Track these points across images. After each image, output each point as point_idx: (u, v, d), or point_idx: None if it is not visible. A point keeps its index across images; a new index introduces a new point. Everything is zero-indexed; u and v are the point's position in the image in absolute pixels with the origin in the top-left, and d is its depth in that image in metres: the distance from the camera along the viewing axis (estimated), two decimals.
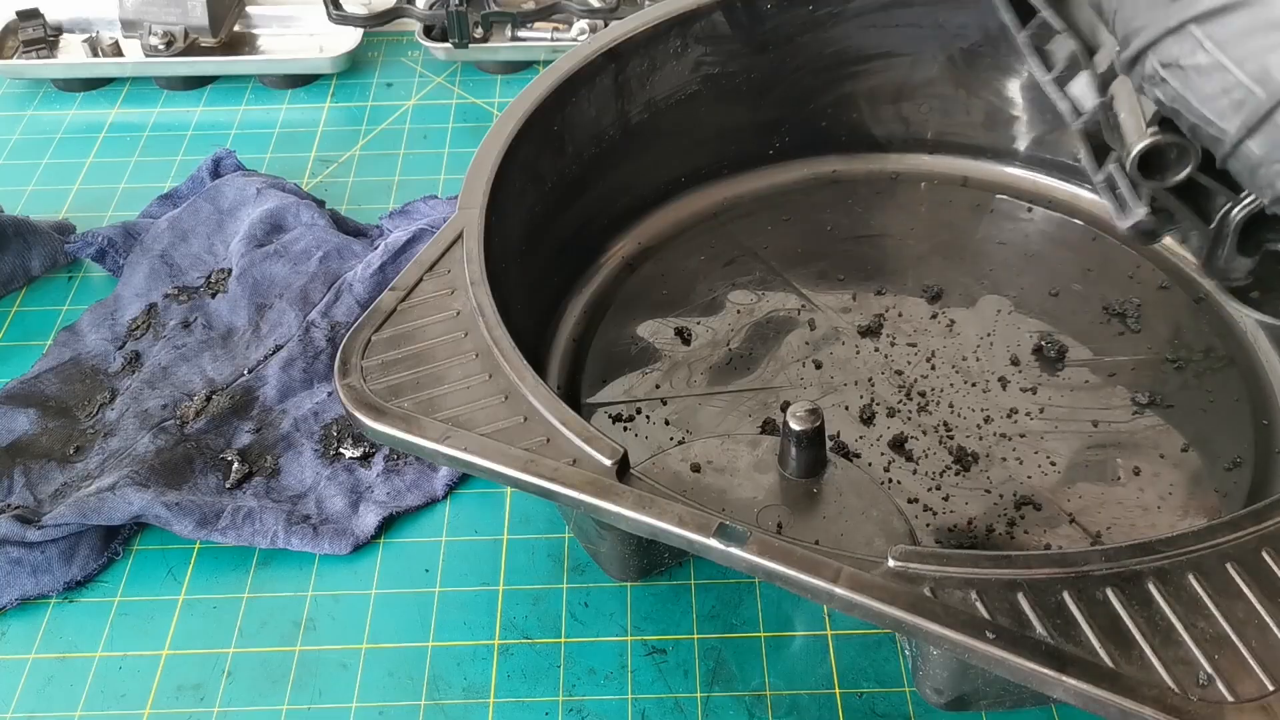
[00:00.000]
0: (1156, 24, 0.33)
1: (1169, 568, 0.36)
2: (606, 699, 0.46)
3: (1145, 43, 0.34)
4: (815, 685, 0.46)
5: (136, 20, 0.82)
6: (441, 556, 0.52)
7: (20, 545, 0.51)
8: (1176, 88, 0.33)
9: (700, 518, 0.38)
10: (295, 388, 0.58)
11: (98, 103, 0.83)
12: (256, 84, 0.84)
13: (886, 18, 0.65)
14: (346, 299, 0.62)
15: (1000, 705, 0.43)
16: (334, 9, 0.80)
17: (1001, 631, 0.34)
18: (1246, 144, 0.32)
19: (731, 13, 0.63)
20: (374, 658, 0.48)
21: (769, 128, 0.67)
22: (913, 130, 0.69)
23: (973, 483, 0.52)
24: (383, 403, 0.43)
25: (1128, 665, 0.33)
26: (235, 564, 0.52)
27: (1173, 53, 0.33)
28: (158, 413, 0.57)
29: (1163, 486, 0.51)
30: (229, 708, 0.47)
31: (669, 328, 0.60)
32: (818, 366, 0.57)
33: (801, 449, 0.46)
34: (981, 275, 0.62)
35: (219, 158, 0.73)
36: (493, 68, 0.84)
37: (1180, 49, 0.32)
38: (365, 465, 0.55)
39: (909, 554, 0.36)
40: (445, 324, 0.45)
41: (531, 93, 0.56)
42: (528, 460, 0.40)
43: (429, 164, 0.75)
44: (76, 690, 0.48)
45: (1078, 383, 0.56)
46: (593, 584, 0.50)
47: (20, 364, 0.62)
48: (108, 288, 0.66)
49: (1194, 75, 0.32)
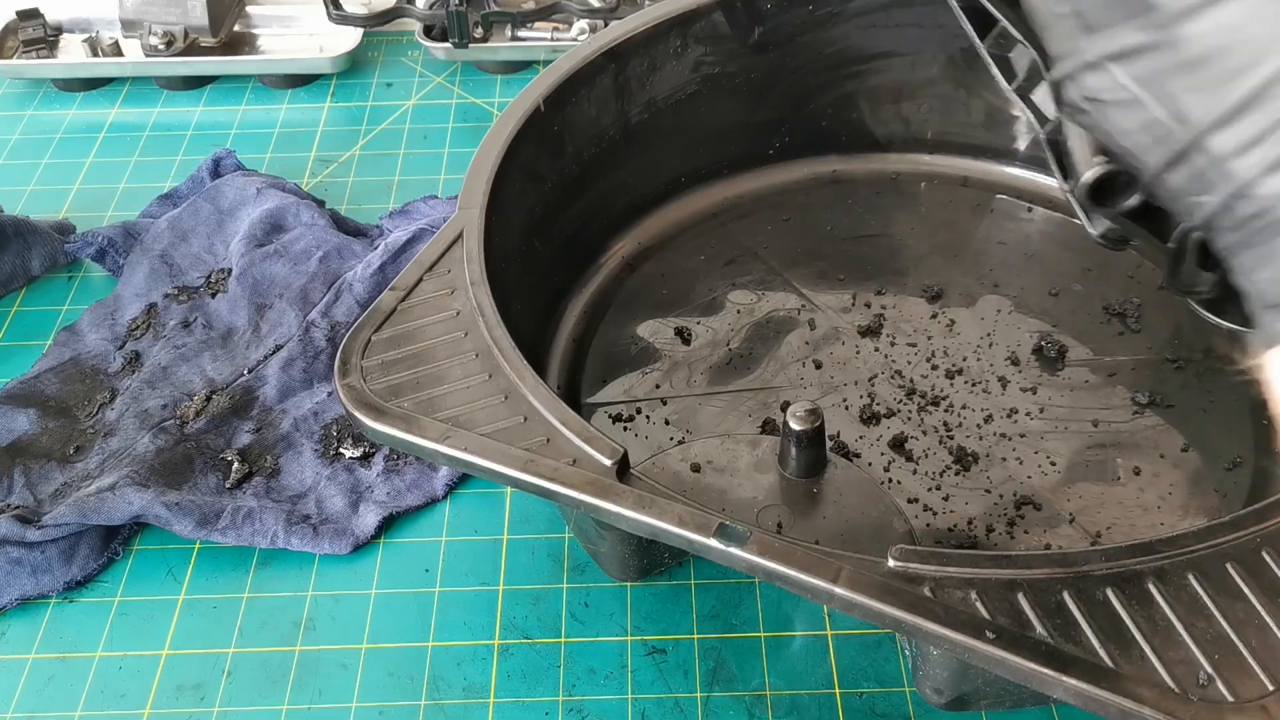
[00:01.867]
0: (1075, 56, 0.33)
1: (1169, 568, 0.36)
2: (606, 699, 0.46)
3: (1064, 74, 0.34)
4: (815, 685, 0.46)
5: (136, 20, 0.82)
6: (441, 556, 0.52)
7: (20, 545, 0.51)
8: (1097, 119, 0.34)
9: (700, 518, 0.38)
10: (295, 388, 0.58)
11: (98, 103, 0.83)
12: (256, 84, 0.84)
13: (886, 18, 0.65)
14: (346, 299, 0.62)
15: (1000, 705, 0.43)
16: (334, 9, 0.80)
17: (1001, 631, 0.34)
18: (1166, 176, 0.32)
19: (731, 13, 0.63)
20: (374, 658, 0.48)
21: (769, 128, 0.67)
22: (913, 130, 0.69)
23: (973, 483, 0.52)
24: (383, 403, 0.43)
25: (1128, 665, 0.33)
26: (235, 564, 0.52)
27: (1091, 85, 0.33)
28: (158, 413, 0.57)
29: (1163, 486, 0.51)
30: (229, 708, 0.47)
31: (669, 328, 0.60)
32: (818, 366, 0.57)
33: (801, 449, 0.46)
34: (981, 275, 0.62)
35: (219, 158, 0.73)
36: (493, 68, 0.84)
37: (1098, 83, 0.33)
38: (365, 465, 0.55)
39: (909, 554, 0.36)
40: (445, 324, 0.45)
41: (531, 93, 0.56)
42: (528, 460, 0.40)
43: (429, 164, 0.75)
44: (76, 690, 0.48)
45: (1078, 383, 0.56)
46: (593, 584, 0.50)
47: (20, 364, 0.62)
48: (108, 288, 0.66)
49: (1113, 109, 0.33)
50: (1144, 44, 0.31)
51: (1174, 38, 0.30)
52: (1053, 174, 0.40)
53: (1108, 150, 0.36)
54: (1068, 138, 0.37)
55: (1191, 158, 0.31)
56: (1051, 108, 0.39)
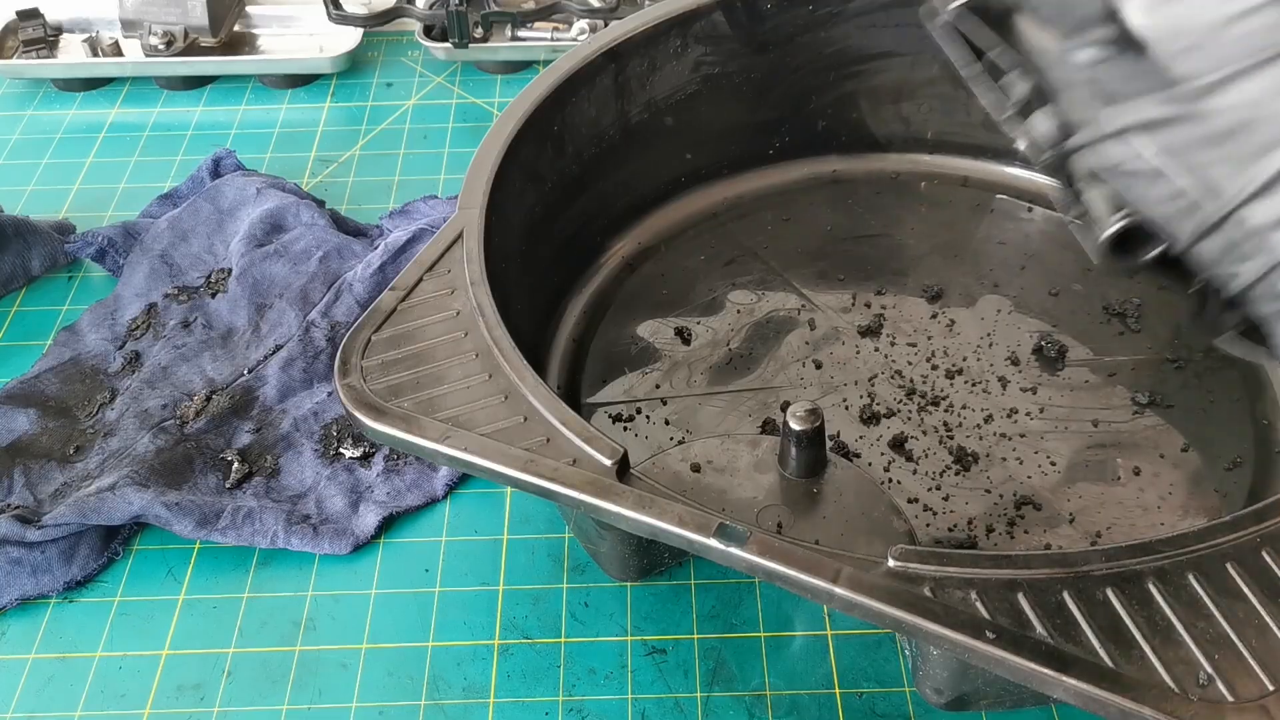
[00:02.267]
0: (1096, 126, 0.32)
1: (1169, 568, 0.36)
2: (606, 699, 0.46)
3: (1084, 142, 0.33)
4: (815, 685, 0.46)
5: (136, 20, 0.82)
6: (441, 556, 0.52)
7: (20, 545, 0.51)
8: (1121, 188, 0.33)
9: (700, 518, 0.38)
10: (295, 388, 0.58)
11: (98, 103, 0.83)
12: (256, 84, 0.84)
13: (886, 17, 0.65)
14: (346, 299, 0.62)
15: (1000, 705, 0.43)
16: (334, 9, 0.80)
17: (1001, 631, 0.34)
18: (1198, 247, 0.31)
19: (731, 13, 0.63)
20: (374, 658, 0.48)
21: (769, 128, 0.67)
22: (913, 130, 0.69)
23: (973, 483, 0.52)
24: (383, 403, 0.43)
25: (1128, 665, 0.33)
26: (235, 564, 0.52)
27: (1114, 155, 0.32)
28: (158, 413, 0.57)
29: (1163, 486, 0.51)
30: (229, 708, 0.47)
31: (669, 328, 0.60)
32: (818, 366, 0.57)
33: (801, 449, 0.46)
34: (981, 275, 0.62)
35: (219, 157, 0.73)
36: (493, 68, 0.84)
37: (1122, 153, 0.32)
38: (365, 465, 0.55)
39: (909, 554, 0.36)
40: (445, 324, 0.45)
41: (531, 93, 0.56)
42: (528, 460, 0.40)
43: (429, 164, 0.75)
44: (76, 690, 0.48)
45: (1078, 383, 0.56)
46: (593, 584, 0.50)
47: (20, 364, 0.62)
48: (108, 288, 0.66)
49: (1138, 179, 0.32)
50: (1169, 117, 0.30)
51: (1200, 111, 0.29)
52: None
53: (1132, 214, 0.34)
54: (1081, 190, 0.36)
55: (1225, 230, 0.30)
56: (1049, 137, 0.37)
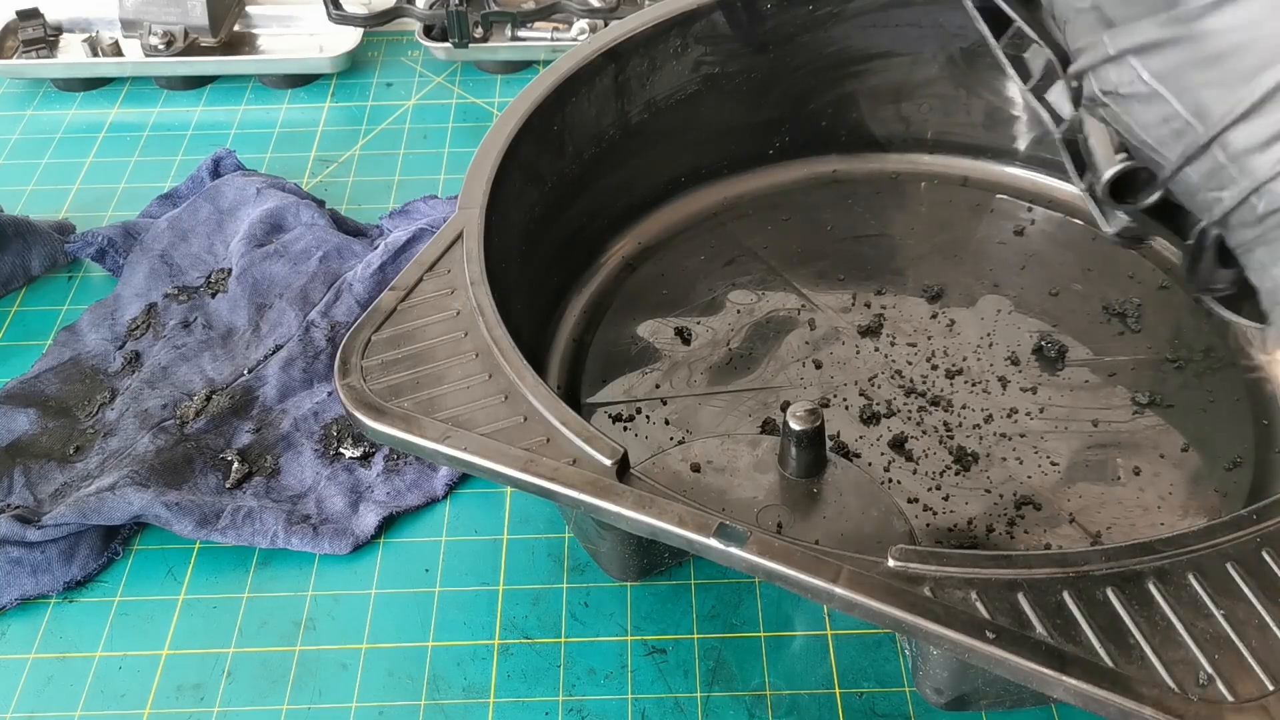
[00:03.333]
0: (1096, 50, 0.33)
1: (1169, 568, 0.36)
2: (606, 699, 0.46)
3: (1085, 66, 0.34)
4: (815, 685, 0.46)
5: (136, 20, 0.82)
6: (441, 556, 0.52)
7: (20, 545, 0.51)
8: (1117, 112, 0.34)
9: (700, 518, 0.38)
10: (295, 387, 0.58)
11: (98, 103, 0.83)
12: (256, 84, 0.84)
13: (886, 17, 0.65)
14: (346, 299, 0.62)
15: (1000, 705, 0.43)
16: (334, 9, 0.80)
17: (1001, 631, 0.34)
18: (1185, 171, 0.32)
19: (731, 13, 0.63)
20: (374, 658, 0.48)
21: (769, 128, 0.67)
22: (913, 130, 0.69)
23: (973, 483, 0.52)
24: (383, 403, 0.43)
25: (1128, 665, 0.33)
26: (235, 564, 0.52)
27: (1112, 79, 0.33)
28: (158, 412, 0.57)
29: (1163, 486, 0.51)
30: (229, 708, 0.47)
31: (669, 328, 0.60)
32: (818, 366, 0.57)
33: (801, 449, 0.46)
34: (981, 275, 0.62)
35: (219, 157, 0.73)
36: (493, 68, 0.84)
37: (1119, 77, 0.33)
38: (365, 465, 0.55)
39: (909, 554, 0.36)
40: (445, 324, 0.45)
41: (531, 93, 0.56)
42: (528, 460, 0.40)
43: (429, 164, 0.75)
44: (76, 690, 0.48)
45: (1078, 383, 0.56)
46: (593, 584, 0.50)
47: (20, 364, 0.62)
48: (108, 288, 0.66)
49: (1133, 103, 0.33)
50: (1164, 38, 0.31)
51: (1194, 33, 0.30)
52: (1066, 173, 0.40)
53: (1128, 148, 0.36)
54: (1087, 136, 0.37)
55: (1210, 153, 0.31)
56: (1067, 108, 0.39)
